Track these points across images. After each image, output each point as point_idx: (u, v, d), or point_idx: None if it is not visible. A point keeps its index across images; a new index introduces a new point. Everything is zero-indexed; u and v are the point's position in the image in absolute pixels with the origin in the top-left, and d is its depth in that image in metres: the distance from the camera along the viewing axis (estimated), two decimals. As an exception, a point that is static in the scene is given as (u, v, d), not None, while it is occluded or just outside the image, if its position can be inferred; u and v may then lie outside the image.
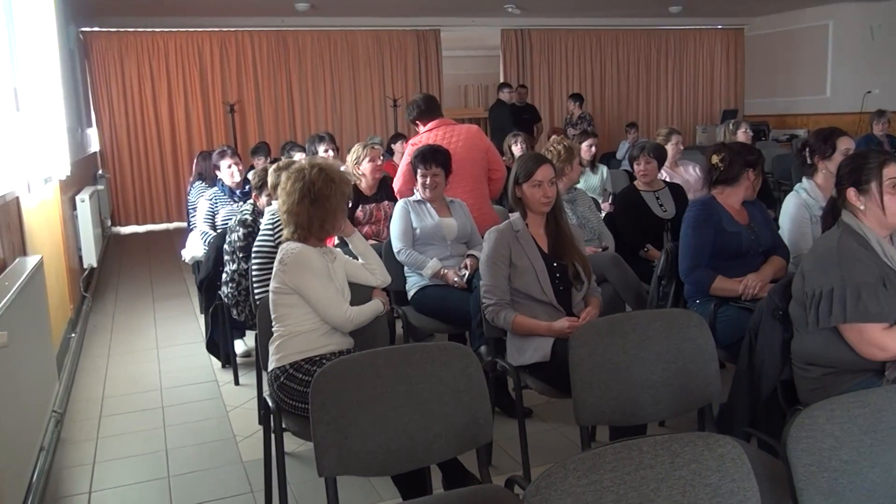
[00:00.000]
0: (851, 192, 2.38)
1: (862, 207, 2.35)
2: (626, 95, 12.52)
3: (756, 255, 3.23)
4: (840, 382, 2.28)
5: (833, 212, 2.49)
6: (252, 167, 6.51)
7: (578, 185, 4.63)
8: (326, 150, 5.36)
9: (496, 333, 3.07)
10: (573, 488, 1.39)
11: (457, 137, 4.36)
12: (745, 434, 2.45)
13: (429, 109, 4.52)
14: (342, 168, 5.05)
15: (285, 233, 2.76)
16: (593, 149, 6.00)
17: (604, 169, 6.14)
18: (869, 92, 10.74)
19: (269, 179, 3.71)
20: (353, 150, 4.69)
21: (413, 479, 2.37)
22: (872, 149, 2.76)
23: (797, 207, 3.48)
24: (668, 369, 2.36)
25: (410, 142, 4.58)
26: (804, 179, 3.61)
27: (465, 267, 3.73)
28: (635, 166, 4.54)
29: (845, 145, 3.50)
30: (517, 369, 2.90)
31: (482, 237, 3.29)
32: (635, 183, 4.57)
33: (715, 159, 3.31)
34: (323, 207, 2.70)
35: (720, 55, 13.00)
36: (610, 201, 5.28)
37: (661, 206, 4.39)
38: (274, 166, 3.73)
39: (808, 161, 3.61)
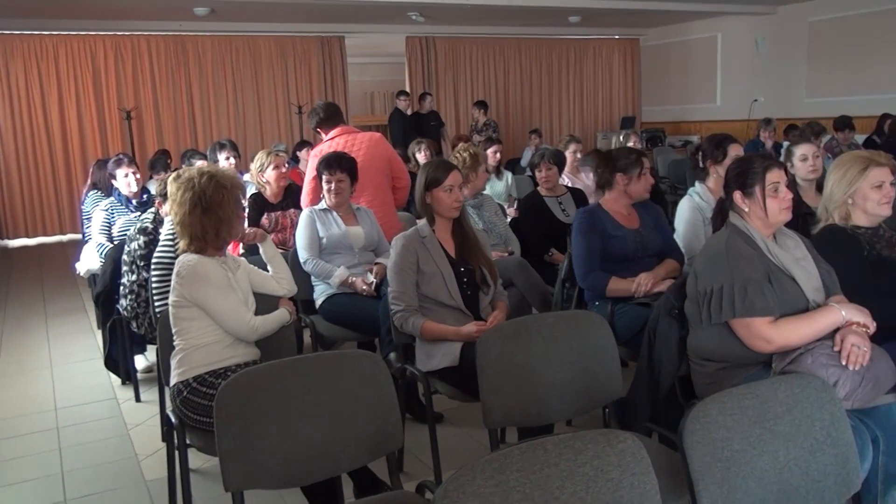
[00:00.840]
0: (738, 195, 2.51)
1: (747, 209, 2.48)
2: (529, 102, 12.80)
3: (646, 258, 3.34)
4: (732, 376, 2.39)
5: (722, 213, 2.61)
6: (151, 177, 6.31)
7: (485, 191, 4.70)
8: (228, 158, 5.23)
9: (405, 339, 3.07)
10: (480, 489, 1.42)
11: (359, 145, 4.32)
12: (646, 429, 2.54)
13: (329, 117, 4.46)
14: (245, 177, 4.95)
15: (181, 244, 2.69)
16: (498, 155, 6.10)
17: (509, 175, 6.25)
18: (755, 100, 11.36)
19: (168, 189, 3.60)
20: (256, 157, 4.62)
21: (323, 489, 2.35)
22: (758, 154, 2.92)
23: (690, 210, 3.64)
24: (572, 369, 2.43)
25: (312, 153, 4.53)
26: (697, 183, 3.77)
27: (372, 273, 3.72)
28: (537, 173, 4.65)
29: (735, 151, 3.68)
30: (426, 375, 2.92)
31: (389, 244, 3.29)
32: (538, 189, 4.67)
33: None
34: (216, 215, 2.63)
35: (618, 64, 13.47)
36: (515, 207, 5.38)
37: (563, 210, 4.51)
38: (174, 174, 3.62)
39: (701, 165, 3.79)
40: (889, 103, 9.11)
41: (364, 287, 3.67)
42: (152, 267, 3.48)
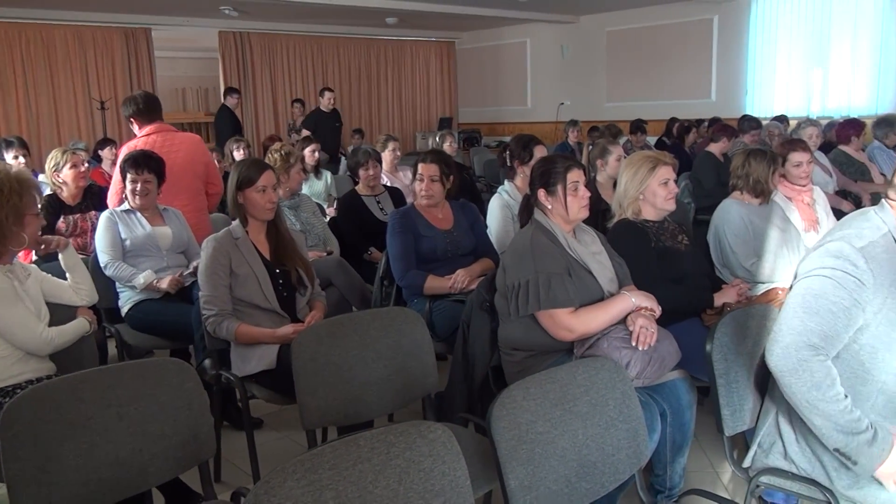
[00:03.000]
0: (542, 193, 2.66)
1: (549, 207, 2.63)
2: (349, 102, 12.76)
3: (458, 258, 3.44)
4: (539, 363, 2.53)
5: (528, 209, 2.76)
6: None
7: (303, 191, 4.64)
8: (17, 157, 4.79)
9: (219, 345, 2.97)
10: (292, 491, 1.40)
11: (177, 147, 4.08)
12: (462, 419, 2.63)
13: (147, 110, 4.15)
14: (41, 177, 4.55)
15: None
16: (316, 154, 6.04)
17: (328, 174, 6.20)
18: (562, 103, 12.05)
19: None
20: (50, 155, 4.26)
21: (131, 507, 2.21)
22: (560, 154, 3.11)
23: (500, 208, 3.81)
24: (389, 365, 2.46)
25: (126, 146, 4.24)
26: (506, 182, 3.96)
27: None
28: (362, 172, 4.59)
29: (540, 152, 3.89)
30: (242, 380, 2.84)
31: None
32: (357, 188, 4.68)
33: None
34: None
35: (435, 66, 13.78)
36: (335, 206, 5.34)
37: (381, 209, 4.54)
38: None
39: (509, 165, 3.97)
40: (677, 108, 10.02)
41: (173, 281, 3.49)
42: (-75, 278, 3.11)
